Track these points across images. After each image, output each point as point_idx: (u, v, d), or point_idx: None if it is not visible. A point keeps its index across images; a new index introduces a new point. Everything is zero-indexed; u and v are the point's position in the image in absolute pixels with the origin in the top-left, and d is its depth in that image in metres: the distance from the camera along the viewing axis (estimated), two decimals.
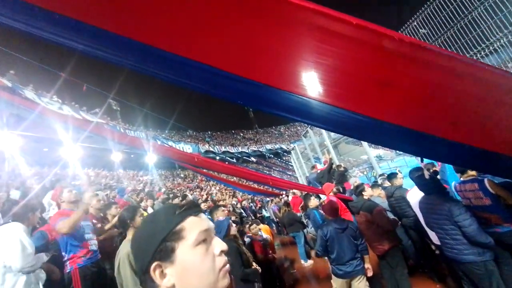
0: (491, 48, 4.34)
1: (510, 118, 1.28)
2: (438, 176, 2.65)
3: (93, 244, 2.48)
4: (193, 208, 0.59)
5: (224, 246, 0.58)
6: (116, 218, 2.54)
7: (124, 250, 1.96)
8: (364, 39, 0.97)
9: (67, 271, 2.26)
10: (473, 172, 2.40)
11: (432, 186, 2.21)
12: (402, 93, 1.19)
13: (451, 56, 1.06)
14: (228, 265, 0.58)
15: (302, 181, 10.87)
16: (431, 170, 2.55)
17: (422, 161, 2.22)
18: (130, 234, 2.07)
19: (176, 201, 5.50)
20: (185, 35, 0.91)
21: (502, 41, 4.19)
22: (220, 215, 2.89)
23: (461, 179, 2.45)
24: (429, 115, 1.35)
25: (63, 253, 2.31)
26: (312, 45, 1.00)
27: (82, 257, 2.32)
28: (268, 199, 9.50)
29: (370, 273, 2.52)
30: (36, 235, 2.42)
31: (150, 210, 5.18)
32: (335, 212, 2.77)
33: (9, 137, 7.16)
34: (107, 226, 2.90)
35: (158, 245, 0.53)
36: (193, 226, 0.56)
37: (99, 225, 2.88)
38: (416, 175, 2.93)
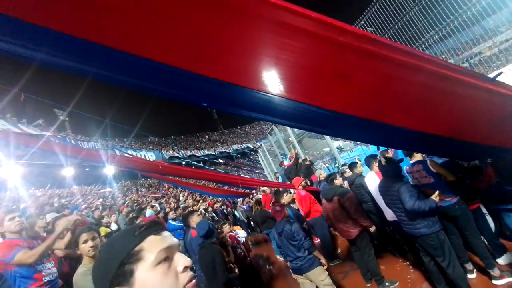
0: (428, 42, 4.92)
1: (448, 105, 1.45)
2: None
3: (48, 274, 2.16)
4: (153, 227, 0.56)
5: (188, 261, 0.56)
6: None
7: (79, 271, 1.82)
8: (321, 33, 0.97)
9: None
10: (419, 155, 2.69)
11: (388, 169, 2.41)
12: (357, 85, 1.26)
13: (400, 48, 1.13)
14: (194, 281, 0.55)
15: (271, 178, 11.06)
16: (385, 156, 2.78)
17: (378, 149, 2.42)
18: (84, 259, 1.88)
19: (143, 213, 5.18)
20: (142, 33, 0.84)
21: (435, 36, 4.78)
22: (195, 220, 2.80)
23: (410, 161, 2.73)
24: (382, 105, 1.46)
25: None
26: (271, 41, 0.99)
27: None
28: (239, 200, 9.46)
29: (325, 266, 2.60)
30: None
31: (114, 226, 4.80)
32: (277, 216, 2.84)
33: None
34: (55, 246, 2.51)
35: (116, 270, 0.50)
36: (153, 245, 0.53)
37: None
38: (374, 162, 3.20)
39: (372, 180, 3.22)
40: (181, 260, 0.55)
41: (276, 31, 0.93)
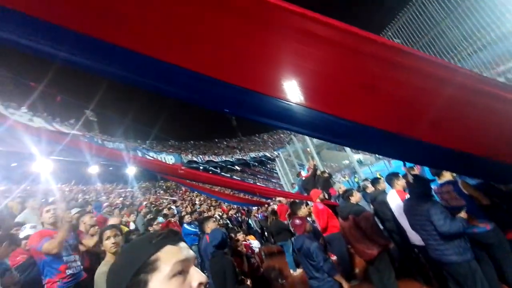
0: (461, 55, 4.67)
1: (483, 122, 1.35)
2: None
3: (72, 267, 2.32)
4: (171, 237, 0.55)
5: (203, 278, 0.54)
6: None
7: (100, 270, 1.87)
8: (348, 43, 0.96)
9: None
10: (448, 174, 2.52)
11: (417, 188, 2.27)
12: (383, 97, 1.20)
13: (431, 60, 1.09)
14: None
15: (288, 188, 10.90)
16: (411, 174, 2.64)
17: (404, 165, 2.29)
18: (107, 255, 1.96)
19: (160, 214, 5.28)
20: (171, 40, 0.87)
21: (469, 49, 4.53)
22: (211, 226, 2.80)
23: (438, 181, 2.55)
24: (409, 118, 1.38)
25: (41, 276, 2.21)
26: (296, 49, 0.98)
27: (58, 281, 2.18)
28: (254, 208, 9.38)
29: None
30: None
31: (132, 226, 4.93)
32: (297, 229, 2.73)
33: None
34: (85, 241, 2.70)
35: (130, 279, 0.49)
36: (169, 256, 0.52)
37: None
38: (396, 180, 3.05)
39: (394, 199, 3.06)
40: (196, 275, 0.53)
41: (301, 40, 0.92)
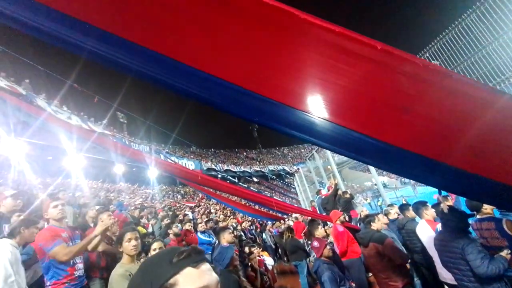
0: (509, 81, 4.34)
1: None
2: None
3: (79, 269, 2.24)
4: (193, 257, 0.51)
5: None
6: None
7: (117, 271, 1.85)
8: (387, 63, 0.96)
9: None
10: (489, 210, 2.27)
11: (452, 221, 2.07)
12: (423, 120, 1.14)
13: (476, 86, 1.04)
14: None
15: (305, 205, 10.59)
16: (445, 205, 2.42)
17: (440, 193, 2.11)
18: (124, 257, 1.95)
19: (176, 220, 5.33)
20: (208, 51, 0.90)
21: None
22: (227, 238, 2.74)
23: (478, 216, 2.31)
24: (450, 145, 1.28)
25: (45, 277, 2.07)
26: (333, 67, 0.99)
27: (66, 283, 2.09)
28: (269, 222, 9.19)
29: None
30: (23, 251, 2.24)
31: (150, 229, 5.02)
32: (315, 251, 2.64)
33: (16, 143, 7.20)
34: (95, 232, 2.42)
35: None
36: (189, 281, 0.48)
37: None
38: (424, 209, 2.83)
39: (425, 230, 2.82)
40: None
41: (336, 57, 0.92)
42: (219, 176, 28.69)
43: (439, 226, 2.64)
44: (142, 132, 27.32)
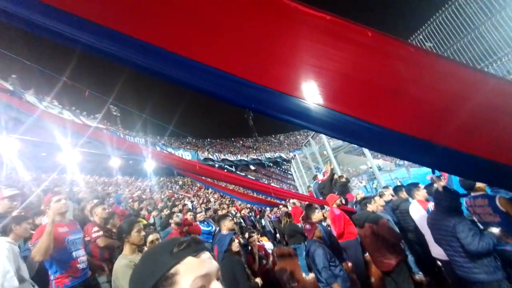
0: (501, 60, 4.35)
1: None
2: None
3: (82, 262, 2.26)
4: (193, 246, 0.52)
5: None
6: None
7: (121, 262, 1.89)
8: (378, 49, 0.98)
9: None
10: (482, 186, 2.34)
11: (444, 200, 2.14)
12: (414, 102, 1.17)
13: (465, 68, 1.08)
14: None
15: (302, 190, 10.76)
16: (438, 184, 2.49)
17: (433, 172, 2.16)
18: (126, 248, 1.98)
19: (175, 209, 5.39)
20: (200, 40, 0.90)
21: (510, 55, 4.21)
22: (227, 225, 2.81)
23: (472, 194, 2.38)
24: (441, 125, 1.31)
25: (49, 271, 2.09)
26: (326, 53, 1.00)
27: (70, 276, 2.11)
28: (267, 209, 9.34)
29: None
30: (23, 249, 2.27)
31: (151, 220, 5.07)
32: (307, 233, 2.82)
33: (7, 140, 7.07)
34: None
35: None
36: (190, 270, 0.49)
37: (100, 233, 2.74)
38: (416, 190, 2.93)
39: (417, 210, 2.92)
40: None
41: (329, 43, 0.95)
42: (216, 165, 28.78)
43: (430, 206, 2.73)
44: (136, 124, 27.02)
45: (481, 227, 2.29)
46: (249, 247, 3.19)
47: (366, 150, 6.76)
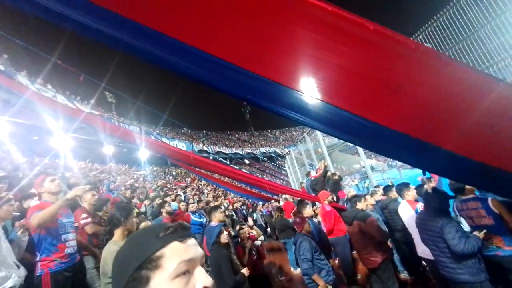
0: (499, 65, 4.37)
1: None
2: None
3: (71, 246, 2.22)
4: (179, 232, 0.52)
5: (208, 281, 0.50)
6: None
7: (111, 248, 1.88)
8: (379, 43, 0.94)
9: (37, 274, 2.01)
10: (472, 189, 2.37)
11: (433, 201, 2.16)
12: (412, 101, 1.16)
13: (466, 69, 1.06)
14: None
15: (295, 186, 10.82)
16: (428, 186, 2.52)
17: (424, 174, 2.18)
18: (117, 234, 1.97)
19: (168, 199, 5.37)
20: (200, 26, 0.88)
21: (508, 60, 4.22)
22: (218, 217, 2.80)
23: (462, 197, 2.40)
24: (437, 126, 1.30)
25: (36, 253, 2.06)
26: (326, 45, 0.98)
27: (56, 260, 2.07)
28: (260, 203, 9.39)
29: None
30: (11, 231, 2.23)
31: (142, 209, 5.04)
32: (297, 227, 2.90)
33: None
34: None
35: (132, 273, 0.47)
36: (175, 254, 0.49)
37: (89, 220, 2.72)
38: (406, 191, 2.97)
39: (406, 210, 2.96)
40: (202, 278, 0.50)
41: (328, 35, 0.92)
42: (211, 158, 28.70)
43: (419, 206, 2.77)
44: (131, 112, 26.61)
45: (470, 230, 2.31)
46: (239, 239, 3.20)
47: (360, 149, 6.81)
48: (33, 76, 14.31)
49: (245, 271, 2.46)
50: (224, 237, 2.49)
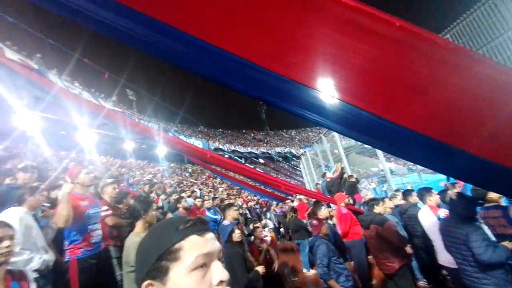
0: None
1: None
2: None
3: (96, 236, 2.37)
4: (198, 225, 0.54)
5: (225, 275, 0.52)
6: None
7: (133, 239, 1.95)
8: (405, 41, 0.90)
9: (65, 260, 2.20)
10: (495, 198, 2.24)
11: (459, 207, 2.06)
12: (439, 102, 1.10)
13: (500, 68, 0.98)
14: None
15: (310, 187, 10.69)
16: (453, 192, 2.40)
17: (448, 179, 2.09)
18: (138, 226, 2.05)
19: (184, 195, 5.50)
20: (219, 23, 0.87)
21: None
22: (232, 214, 2.83)
23: (485, 205, 2.29)
24: (466, 130, 1.24)
25: (65, 241, 2.24)
26: (348, 43, 0.95)
27: (82, 248, 2.23)
28: (274, 202, 9.38)
29: None
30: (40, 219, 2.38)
31: (160, 203, 5.20)
32: (313, 229, 2.85)
33: (30, 117, 7.36)
34: None
35: (153, 263, 0.50)
36: (193, 247, 0.51)
37: (109, 212, 2.83)
38: (428, 196, 2.84)
39: (427, 215, 2.84)
40: (218, 272, 0.51)
41: (351, 33, 0.88)
42: (226, 156, 29.02)
43: (441, 212, 2.65)
44: (151, 110, 27.50)
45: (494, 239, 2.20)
46: (253, 237, 3.22)
47: (379, 152, 6.61)
48: (63, 73, 15.16)
49: (260, 268, 2.47)
50: (237, 236, 2.51)
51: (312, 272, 4.80)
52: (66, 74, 15.23)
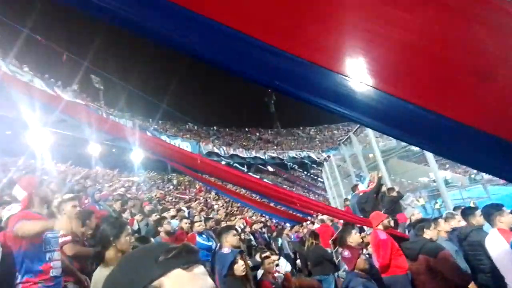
0: None
1: None
2: None
3: (56, 267, 2.36)
4: (184, 256, 0.53)
5: None
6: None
7: (103, 273, 1.97)
8: (463, 9, 0.91)
9: None
10: None
11: None
12: (502, 91, 1.11)
13: None
14: None
15: (336, 204, 10.68)
16: None
17: None
18: (108, 256, 2.06)
19: (166, 215, 5.55)
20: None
21: None
22: (231, 241, 2.85)
23: None
24: None
25: (17, 272, 2.19)
26: (385, 14, 0.97)
27: (39, 283, 2.20)
28: (287, 224, 9.38)
29: None
30: None
31: (135, 226, 5.26)
32: (347, 263, 2.82)
33: None
34: None
35: None
36: (177, 285, 0.50)
37: (68, 238, 2.84)
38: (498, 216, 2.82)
39: (496, 242, 2.82)
40: None
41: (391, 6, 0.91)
42: (223, 162, 29.16)
43: None
44: (123, 102, 27.80)
45: None
46: (262, 271, 3.23)
47: (429, 156, 6.56)
48: (7, 56, 15.47)
49: None
50: (240, 268, 2.53)
51: None
52: (12, 56, 15.54)
